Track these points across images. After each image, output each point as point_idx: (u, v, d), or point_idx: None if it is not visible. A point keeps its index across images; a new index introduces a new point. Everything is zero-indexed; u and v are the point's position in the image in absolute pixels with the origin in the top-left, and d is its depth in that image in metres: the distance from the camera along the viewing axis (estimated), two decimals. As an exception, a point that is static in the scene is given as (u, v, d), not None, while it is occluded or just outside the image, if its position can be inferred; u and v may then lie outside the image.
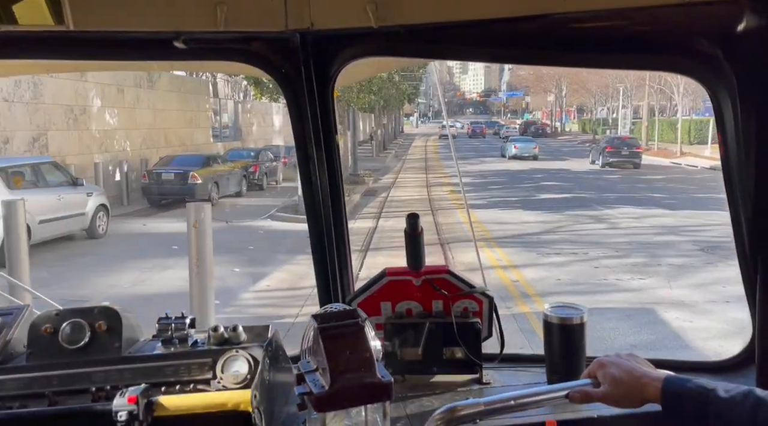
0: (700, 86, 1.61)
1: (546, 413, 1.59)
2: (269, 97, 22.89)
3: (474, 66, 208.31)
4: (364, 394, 1.16)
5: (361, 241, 12.11)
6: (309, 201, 1.95)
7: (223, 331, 1.59)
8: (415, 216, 1.80)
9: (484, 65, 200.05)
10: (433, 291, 1.86)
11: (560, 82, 67.77)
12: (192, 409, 1.42)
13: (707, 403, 1.18)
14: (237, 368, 1.50)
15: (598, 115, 69.28)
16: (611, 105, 60.63)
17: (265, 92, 21.31)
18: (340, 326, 1.21)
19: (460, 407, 1.26)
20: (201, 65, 2.42)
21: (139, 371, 1.50)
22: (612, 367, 1.32)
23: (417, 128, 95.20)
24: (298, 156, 1.92)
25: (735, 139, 1.55)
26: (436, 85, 6.28)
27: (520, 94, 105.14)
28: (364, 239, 12.50)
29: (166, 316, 1.62)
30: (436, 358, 1.86)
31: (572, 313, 1.77)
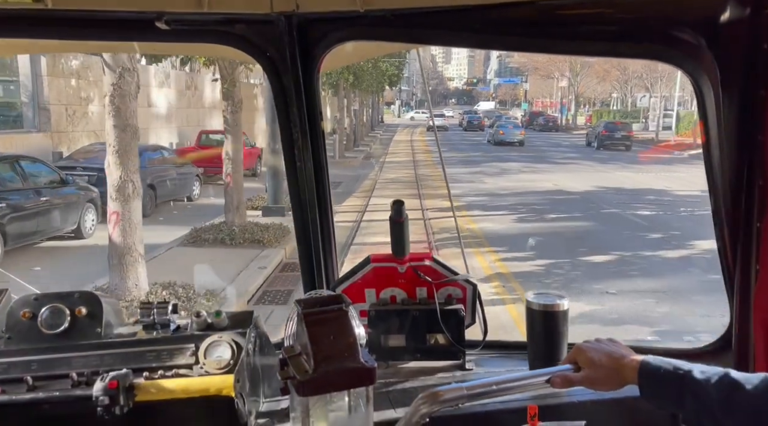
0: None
1: (527, 398, 1.60)
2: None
3: (457, 55, 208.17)
4: (347, 378, 1.17)
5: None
6: (294, 187, 1.94)
7: (206, 316, 1.58)
8: (400, 202, 1.80)
9: (468, 54, 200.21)
10: (418, 278, 1.87)
11: (575, 65, 54.01)
12: (174, 394, 1.41)
13: (683, 384, 1.21)
14: (220, 353, 1.49)
15: (618, 105, 60.22)
16: (630, 94, 53.59)
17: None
18: (324, 312, 1.21)
19: (442, 392, 1.27)
20: (184, 48, 2.37)
21: (119, 356, 1.48)
22: (591, 352, 1.35)
23: (399, 118, 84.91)
24: (282, 142, 1.90)
25: (717, 128, 1.57)
26: (419, 71, 6.11)
27: (517, 81, 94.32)
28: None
29: (148, 302, 1.61)
30: (420, 344, 1.87)
31: (554, 300, 1.79)
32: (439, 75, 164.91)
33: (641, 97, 49.70)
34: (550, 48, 1.75)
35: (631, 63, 40.11)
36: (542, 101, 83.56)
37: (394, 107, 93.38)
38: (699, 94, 1.62)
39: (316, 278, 2.03)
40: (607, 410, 1.63)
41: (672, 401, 1.23)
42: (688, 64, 1.60)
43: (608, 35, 1.62)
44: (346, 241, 10.73)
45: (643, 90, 48.25)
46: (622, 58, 2.29)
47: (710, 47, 1.49)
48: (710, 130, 1.61)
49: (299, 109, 1.84)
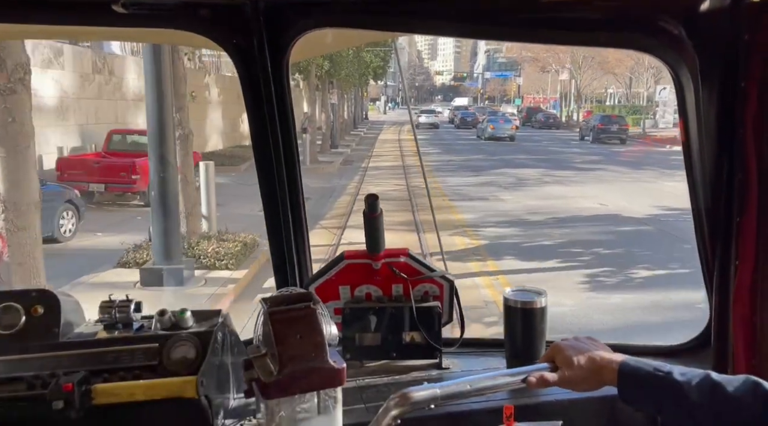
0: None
1: (503, 398, 1.57)
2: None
3: (443, 51, 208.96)
4: (314, 379, 1.13)
5: None
6: (264, 181, 1.88)
7: (170, 315, 1.51)
8: (374, 197, 1.75)
9: (454, 50, 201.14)
10: (393, 275, 1.82)
11: (577, 56, 49.45)
12: (134, 396, 1.36)
13: (663, 385, 1.18)
14: (184, 354, 1.43)
15: (616, 100, 57.04)
16: (645, 86, 50.03)
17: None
18: (291, 310, 1.17)
19: (414, 392, 1.24)
20: (144, 34, 2.29)
21: (78, 358, 1.42)
22: (569, 351, 1.32)
23: (385, 115, 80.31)
24: (252, 134, 1.84)
25: (696, 120, 1.54)
26: (404, 65, 5.83)
27: (509, 75, 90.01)
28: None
29: (109, 300, 1.54)
30: (396, 343, 1.83)
31: (533, 297, 1.75)
32: (425, 70, 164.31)
33: (661, 89, 44.85)
34: (530, 37, 1.72)
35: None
36: (534, 97, 79.34)
37: (379, 103, 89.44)
38: (678, 85, 1.59)
39: (288, 276, 1.97)
40: (585, 410, 1.60)
41: (652, 403, 1.21)
42: (668, 55, 1.57)
43: (588, 24, 1.58)
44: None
45: (662, 82, 44.33)
46: (601, 47, 2.28)
47: (690, 37, 1.46)
48: (690, 123, 1.58)
49: (268, 101, 1.78)
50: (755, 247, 1.47)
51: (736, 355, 1.53)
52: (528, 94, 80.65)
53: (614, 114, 41.87)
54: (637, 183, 19.51)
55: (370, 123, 60.51)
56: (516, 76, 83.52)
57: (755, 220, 1.45)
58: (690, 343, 1.88)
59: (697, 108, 1.51)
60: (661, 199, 15.39)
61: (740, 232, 1.48)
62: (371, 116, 72.07)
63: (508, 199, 15.72)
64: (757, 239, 1.46)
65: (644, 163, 25.58)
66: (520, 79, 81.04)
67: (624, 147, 33.80)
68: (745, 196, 1.45)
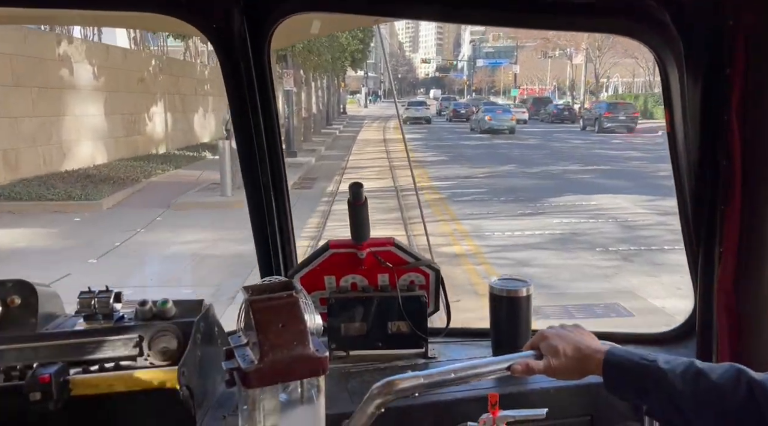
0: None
1: (488, 386, 1.57)
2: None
3: (425, 43, 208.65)
4: (296, 368, 1.10)
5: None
6: (248, 169, 1.85)
7: (151, 305, 1.49)
8: (358, 185, 1.73)
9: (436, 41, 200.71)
10: (378, 264, 1.80)
11: (596, 35, 39.37)
12: (113, 388, 1.33)
13: (648, 374, 1.18)
14: (165, 344, 1.41)
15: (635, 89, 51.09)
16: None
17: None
18: (272, 298, 1.14)
19: (398, 381, 1.23)
20: (121, 18, 2.23)
21: (56, 349, 1.39)
22: (554, 339, 1.31)
23: (366, 108, 73.05)
24: (233, 121, 1.80)
25: (681, 106, 1.53)
26: (387, 56, 5.61)
27: (504, 62, 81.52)
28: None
29: (89, 290, 1.50)
30: (381, 332, 1.81)
31: (518, 286, 1.75)
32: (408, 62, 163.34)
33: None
34: (511, 21, 1.69)
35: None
36: (529, 88, 73.26)
37: (359, 96, 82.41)
38: (663, 71, 1.58)
39: (273, 265, 1.95)
40: (570, 398, 1.60)
41: (636, 392, 1.21)
42: (653, 40, 1.56)
43: (572, 8, 1.57)
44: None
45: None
46: (584, 31, 2.25)
47: (675, 22, 1.45)
48: (674, 109, 1.58)
49: (249, 87, 1.74)
50: (739, 235, 1.47)
51: (720, 343, 1.54)
52: (521, 85, 75.27)
53: (621, 100, 39.43)
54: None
55: (348, 118, 52.47)
56: (512, 64, 73.15)
57: (739, 207, 1.45)
58: (675, 330, 1.88)
59: (682, 94, 1.51)
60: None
61: (724, 220, 1.48)
62: (350, 110, 64.93)
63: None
64: (741, 226, 1.46)
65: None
66: (516, 66, 71.22)
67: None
68: (729, 182, 1.45)
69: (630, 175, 17.33)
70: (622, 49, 44.70)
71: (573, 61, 54.09)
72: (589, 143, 28.64)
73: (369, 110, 68.62)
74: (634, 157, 22.31)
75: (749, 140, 1.42)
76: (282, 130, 17.74)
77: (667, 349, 1.82)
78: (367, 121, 46.91)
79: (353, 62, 34.45)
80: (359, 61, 36.09)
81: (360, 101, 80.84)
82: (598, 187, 15.06)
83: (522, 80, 73.82)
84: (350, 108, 67.99)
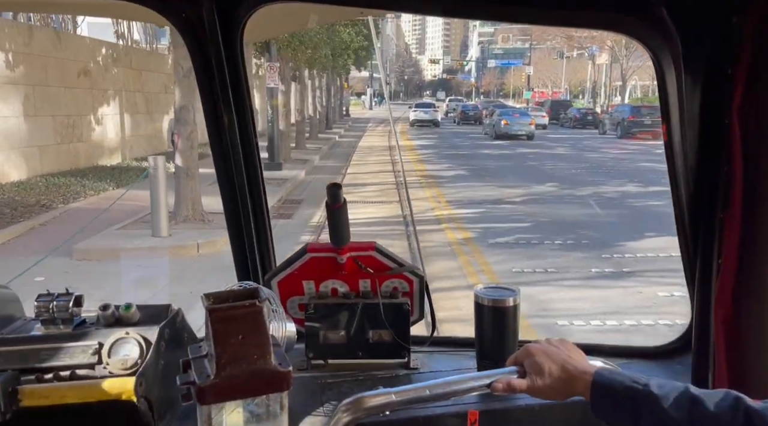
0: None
1: (470, 402, 1.49)
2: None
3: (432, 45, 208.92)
4: (256, 383, 1.03)
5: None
6: (221, 167, 1.77)
7: (114, 310, 1.41)
8: (336, 186, 1.65)
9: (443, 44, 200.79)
10: (360, 269, 1.72)
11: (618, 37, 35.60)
12: (66, 399, 1.26)
13: (639, 398, 1.11)
14: (127, 352, 1.33)
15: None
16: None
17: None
18: (233, 307, 1.06)
19: (368, 397, 1.17)
20: (88, 7, 2.16)
21: (8, 355, 1.31)
22: (540, 357, 1.25)
23: (371, 111, 69.06)
24: (206, 116, 1.72)
25: (678, 109, 1.45)
26: (391, 57, 5.47)
27: (518, 63, 79.26)
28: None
29: (48, 293, 1.43)
30: (362, 341, 1.74)
31: (505, 295, 1.67)
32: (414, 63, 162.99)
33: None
34: (507, 16, 1.61)
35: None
36: (539, 91, 70.41)
37: (365, 98, 79.34)
38: (659, 71, 1.49)
39: (250, 269, 1.87)
40: (557, 415, 1.52)
41: (627, 418, 1.13)
42: (649, 38, 1.47)
43: (567, 3, 1.49)
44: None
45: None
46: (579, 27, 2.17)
47: (674, 20, 1.37)
48: (671, 112, 1.49)
49: (221, 80, 1.66)
50: (738, 245, 1.39)
51: (717, 358, 1.46)
52: (533, 88, 71.38)
53: (647, 103, 36.54)
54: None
55: (351, 121, 48.82)
56: (526, 65, 70.29)
57: (740, 215, 1.37)
58: (670, 345, 1.80)
59: (680, 96, 1.43)
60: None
61: (723, 229, 1.40)
62: (354, 112, 61.56)
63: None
64: (741, 236, 1.38)
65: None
66: (529, 68, 67.33)
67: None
68: (729, 190, 1.37)
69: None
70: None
71: (596, 61, 50.42)
72: (629, 153, 25.21)
73: (374, 112, 65.17)
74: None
75: (752, 145, 1.33)
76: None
77: (662, 364, 1.75)
78: (371, 125, 43.23)
79: (357, 60, 31.88)
80: (364, 58, 33.51)
81: (365, 103, 77.20)
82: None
83: (533, 82, 70.41)
84: (354, 110, 65.02)
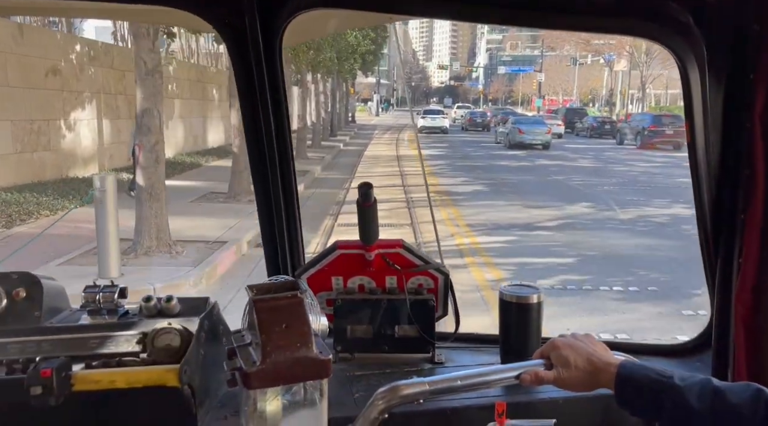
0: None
1: (496, 394, 1.54)
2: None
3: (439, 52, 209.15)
4: (299, 370, 1.08)
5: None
6: (257, 167, 1.83)
7: (156, 302, 1.48)
8: (368, 185, 1.70)
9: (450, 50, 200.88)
10: (387, 266, 1.78)
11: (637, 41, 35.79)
12: (115, 384, 1.31)
13: (663, 390, 1.15)
14: (168, 341, 1.39)
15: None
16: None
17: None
18: (277, 298, 1.12)
19: (403, 386, 1.21)
20: (134, 12, 2.23)
21: (59, 343, 1.37)
22: (566, 350, 1.28)
23: (377, 117, 67.85)
24: (243, 118, 1.78)
25: (702, 112, 1.49)
26: (399, 64, 5.63)
27: (530, 70, 77.49)
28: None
29: (94, 284, 1.49)
30: (388, 336, 1.79)
31: (529, 292, 1.71)
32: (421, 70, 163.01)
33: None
34: (529, 21, 1.66)
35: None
36: (549, 98, 68.83)
37: (371, 104, 76.69)
38: (684, 75, 1.54)
39: (280, 264, 1.92)
40: (579, 409, 1.56)
41: (649, 409, 1.17)
42: (674, 43, 1.52)
43: (593, 9, 1.53)
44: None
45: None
46: (607, 33, 2.19)
47: (699, 25, 1.42)
48: (695, 115, 1.54)
49: (260, 83, 1.72)
50: (759, 245, 1.43)
51: (737, 356, 1.49)
52: (544, 95, 69.31)
53: (667, 112, 34.64)
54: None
55: (356, 128, 46.84)
56: (537, 71, 67.54)
57: (761, 217, 1.41)
58: (690, 342, 1.84)
59: (704, 99, 1.47)
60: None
61: (744, 229, 1.44)
62: (360, 118, 60.05)
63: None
64: (762, 237, 1.42)
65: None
66: (541, 74, 64.92)
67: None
68: (750, 191, 1.41)
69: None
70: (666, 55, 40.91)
71: (614, 68, 48.21)
72: (659, 166, 22.63)
73: (380, 119, 64.57)
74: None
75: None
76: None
77: (682, 362, 1.78)
78: (378, 132, 41.92)
79: (364, 65, 29.82)
80: (371, 63, 31.71)
81: (371, 109, 74.80)
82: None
83: (544, 90, 68.71)
84: (360, 116, 63.82)
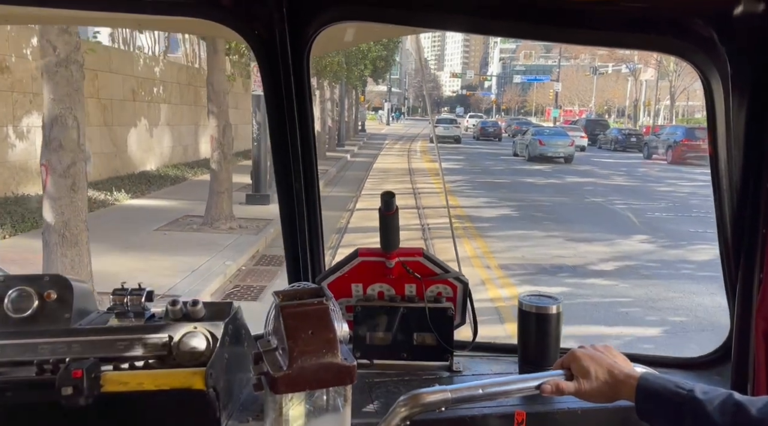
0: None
1: (515, 404, 1.55)
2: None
3: (450, 61, 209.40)
4: (324, 376, 1.10)
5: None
6: (281, 174, 1.86)
7: (181, 306, 1.50)
8: (390, 194, 1.72)
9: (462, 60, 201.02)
10: (406, 274, 1.79)
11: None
12: (143, 386, 1.34)
13: (684, 403, 1.14)
14: (194, 345, 1.41)
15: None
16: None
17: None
18: (303, 304, 1.14)
19: (425, 394, 1.22)
20: (166, 23, 2.28)
21: (88, 344, 1.40)
22: (586, 361, 1.29)
23: (388, 126, 66.19)
24: (270, 127, 1.82)
25: (725, 127, 1.51)
26: (411, 72, 5.66)
27: (546, 79, 75.12)
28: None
29: (122, 288, 1.52)
30: (407, 343, 1.80)
31: (548, 303, 1.72)
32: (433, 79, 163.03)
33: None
34: (555, 36, 1.69)
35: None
36: (564, 109, 65.35)
37: (382, 112, 75.06)
38: (708, 90, 1.56)
39: (301, 270, 1.95)
40: (599, 420, 1.56)
41: (671, 422, 1.17)
42: (699, 58, 1.54)
43: (616, 25, 1.55)
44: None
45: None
46: (629, 49, 2.20)
47: (722, 41, 1.44)
48: (718, 129, 1.55)
49: (287, 94, 1.75)
50: None
51: (757, 370, 1.50)
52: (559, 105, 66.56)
53: (700, 125, 32.60)
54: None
55: (366, 137, 45.22)
56: (554, 81, 65.22)
57: None
58: (709, 355, 1.84)
59: (727, 114, 1.48)
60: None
61: (766, 244, 1.44)
62: (369, 127, 58.36)
63: None
64: None
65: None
66: (558, 84, 62.68)
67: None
68: None
69: None
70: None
71: (639, 77, 45.79)
72: (706, 186, 11.66)
73: (391, 128, 62.58)
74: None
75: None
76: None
77: (701, 375, 1.79)
78: (389, 142, 39.92)
79: (375, 71, 28.47)
80: (382, 70, 29.93)
81: (382, 118, 73.12)
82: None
83: (560, 100, 66.45)
84: (370, 125, 62.61)
